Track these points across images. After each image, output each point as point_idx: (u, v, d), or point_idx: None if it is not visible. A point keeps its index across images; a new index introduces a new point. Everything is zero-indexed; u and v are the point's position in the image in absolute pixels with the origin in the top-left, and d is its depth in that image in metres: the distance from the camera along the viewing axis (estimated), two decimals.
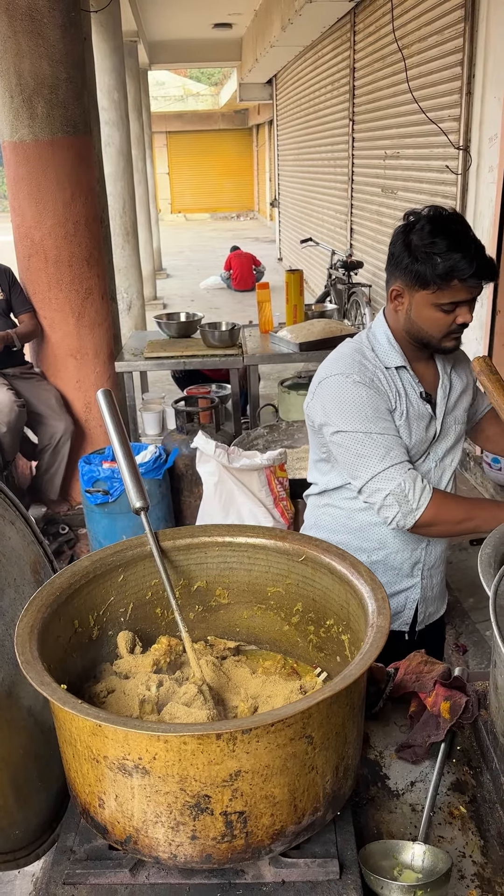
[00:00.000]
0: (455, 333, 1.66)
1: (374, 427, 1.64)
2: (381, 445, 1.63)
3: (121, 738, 0.95)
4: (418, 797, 1.25)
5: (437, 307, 1.62)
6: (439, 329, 1.65)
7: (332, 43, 8.33)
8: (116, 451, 1.39)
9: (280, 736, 0.95)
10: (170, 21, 10.59)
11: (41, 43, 3.72)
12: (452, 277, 1.56)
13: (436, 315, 1.63)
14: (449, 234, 1.57)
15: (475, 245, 1.56)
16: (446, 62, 4.87)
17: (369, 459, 1.63)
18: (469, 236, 1.58)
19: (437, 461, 1.80)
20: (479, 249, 1.56)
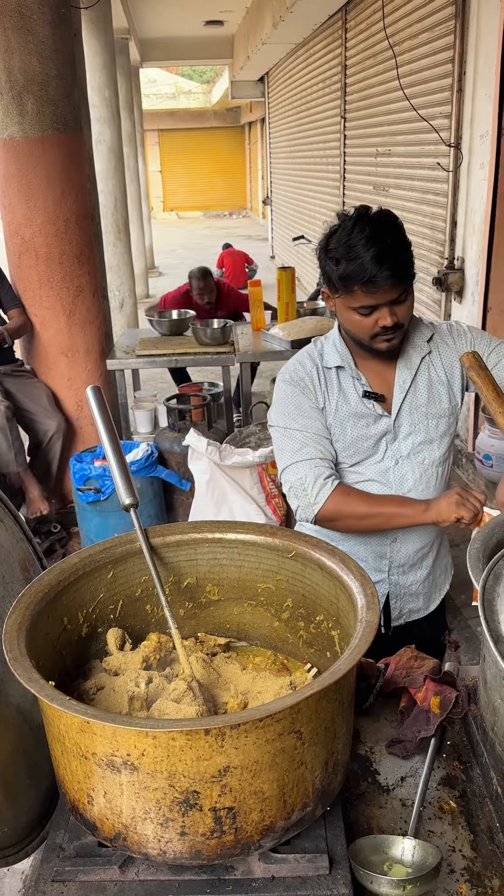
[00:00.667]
0: (382, 336, 1.64)
1: (293, 424, 1.72)
2: (297, 441, 1.71)
3: (109, 734, 0.95)
4: (408, 792, 1.26)
5: (353, 310, 1.62)
6: (362, 331, 1.64)
7: (324, 40, 8.32)
8: (106, 448, 1.38)
9: (269, 731, 0.95)
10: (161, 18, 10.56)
11: (31, 39, 3.70)
12: (350, 284, 1.56)
13: (354, 318, 1.63)
14: (354, 238, 1.54)
15: (377, 250, 1.52)
16: (437, 59, 4.87)
17: (284, 453, 1.72)
18: (375, 241, 1.52)
19: (400, 459, 1.76)
20: (379, 256, 1.52)
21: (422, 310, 5.58)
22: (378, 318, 1.60)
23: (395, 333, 1.64)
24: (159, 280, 13.39)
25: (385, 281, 1.53)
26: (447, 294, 4.90)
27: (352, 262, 1.53)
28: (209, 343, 4.46)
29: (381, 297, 1.57)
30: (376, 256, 1.51)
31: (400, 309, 1.61)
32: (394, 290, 1.56)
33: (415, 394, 1.75)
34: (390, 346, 1.67)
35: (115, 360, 4.38)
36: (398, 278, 1.55)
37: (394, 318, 1.60)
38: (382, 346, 1.66)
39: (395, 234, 1.57)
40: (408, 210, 5.79)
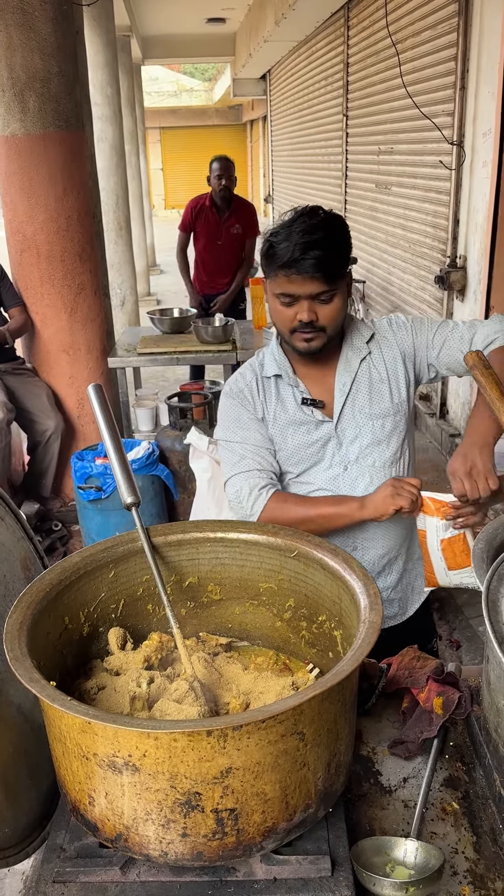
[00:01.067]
0: (301, 332, 1.62)
1: (233, 436, 1.73)
2: (236, 453, 1.72)
3: (110, 735, 0.94)
4: (411, 793, 1.25)
5: (276, 298, 1.61)
6: (283, 323, 1.63)
7: (326, 38, 8.30)
8: (107, 446, 1.38)
9: (271, 732, 0.94)
10: (163, 16, 10.53)
11: (32, 36, 3.69)
12: (273, 264, 1.56)
13: (277, 307, 1.62)
14: (293, 226, 1.55)
15: (307, 239, 1.52)
16: (440, 57, 4.85)
17: (225, 465, 1.74)
18: (310, 232, 1.52)
19: (348, 465, 1.73)
20: (308, 244, 1.51)
21: (424, 308, 5.57)
22: (297, 311, 1.59)
23: (313, 333, 1.61)
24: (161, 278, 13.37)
25: (306, 268, 1.52)
26: (449, 293, 4.89)
27: (281, 244, 1.54)
28: (210, 341, 4.45)
29: (301, 287, 1.55)
30: (304, 244, 1.52)
31: (322, 309, 1.59)
32: (314, 284, 1.54)
33: (356, 397, 1.72)
34: (309, 347, 1.64)
35: (117, 359, 4.37)
36: (321, 271, 1.53)
37: (311, 315, 1.58)
38: (300, 345, 1.64)
39: (334, 233, 1.57)
40: (410, 208, 5.78)
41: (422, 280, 5.58)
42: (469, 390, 4.75)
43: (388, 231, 6.41)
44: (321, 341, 1.64)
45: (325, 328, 1.62)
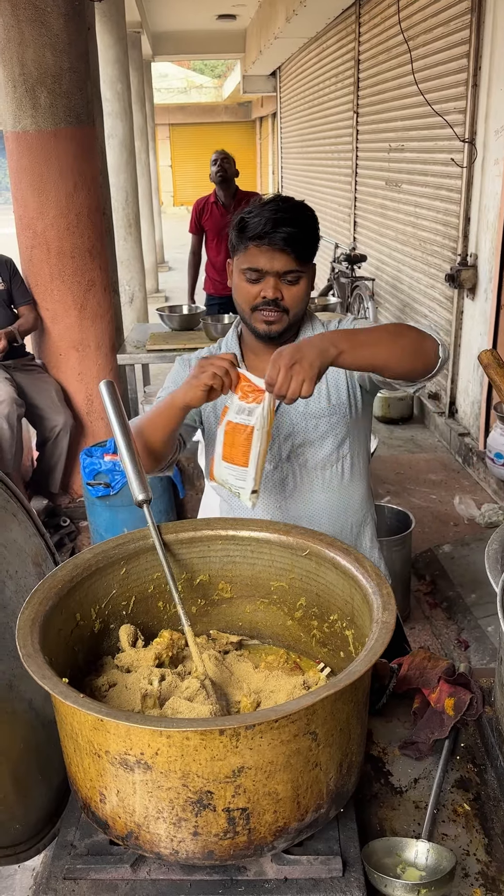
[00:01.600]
0: (263, 311, 1.59)
1: (163, 393, 1.72)
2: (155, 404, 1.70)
3: (123, 732, 0.94)
4: (422, 794, 1.24)
5: (242, 274, 1.60)
6: (245, 300, 1.61)
7: (337, 34, 8.28)
8: (119, 444, 1.37)
9: (284, 732, 0.94)
10: (173, 12, 10.52)
11: (44, 32, 3.69)
12: (244, 236, 1.56)
13: (241, 284, 1.61)
14: (266, 205, 1.57)
15: (280, 216, 1.53)
16: (452, 54, 4.83)
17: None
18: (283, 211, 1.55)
19: (278, 463, 1.69)
20: (280, 220, 1.53)
21: (434, 306, 5.55)
22: (262, 288, 1.58)
23: (276, 313, 1.59)
24: (169, 275, 13.38)
25: (276, 241, 1.53)
26: (459, 291, 4.87)
27: (253, 218, 1.55)
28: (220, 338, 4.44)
29: (270, 261, 1.55)
30: (277, 219, 1.53)
31: (287, 289, 1.58)
32: (283, 259, 1.54)
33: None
34: (269, 329, 1.62)
35: (126, 355, 4.37)
36: (291, 246, 1.53)
37: (276, 292, 1.57)
38: (260, 326, 1.62)
39: (305, 217, 1.59)
40: (420, 206, 5.76)
41: (432, 278, 5.56)
42: (479, 389, 4.73)
43: (398, 229, 6.39)
44: (282, 325, 1.62)
45: (287, 310, 1.60)
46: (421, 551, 3.87)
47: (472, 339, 4.83)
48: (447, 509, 4.30)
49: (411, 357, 1.47)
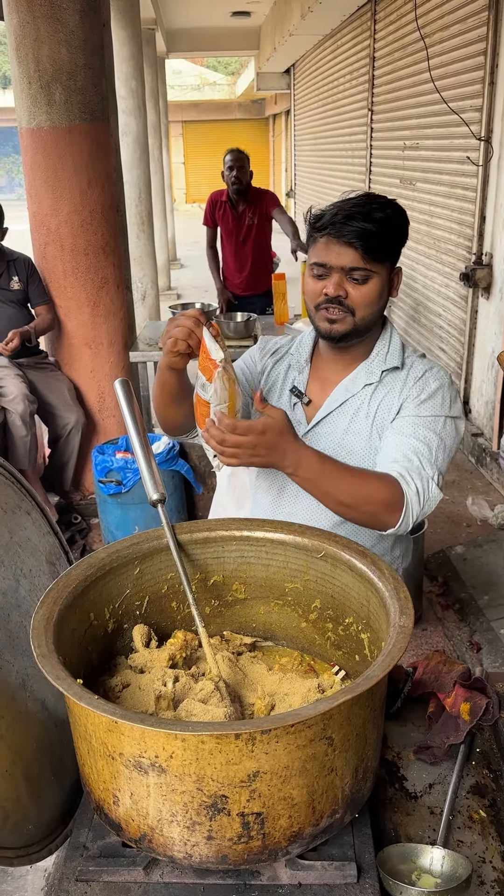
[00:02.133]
0: (326, 308, 1.51)
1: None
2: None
3: (137, 735, 0.93)
4: (437, 800, 1.23)
5: (310, 270, 1.53)
6: (311, 297, 1.55)
7: (352, 31, 8.23)
8: (133, 443, 1.37)
9: (300, 737, 0.93)
10: (188, 9, 10.50)
11: (60, 28, 3.68)
12: (315, 226, 1.50)
13: (308, 280, 1.55)
14: (352, 199, 1.51)
15: (356, 210, 1.46)
16: (469, 51, 4.79)
17: None
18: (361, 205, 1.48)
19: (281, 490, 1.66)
20: (355, 213, 1.46)
21: (448, 305, 5.52)
22: (326, 284, 1.50)
23: (339, 313, 1.51)
24: (182, 272, 13.37)
25: (344, 233, 1.45)
26: (474, 290, 4.84)
27: (329, 210, 1.50)
28: (232, 336, 4.43)
29: (337, 256, 1.47)
30: (351, 213, 1.46)
31: (354, 288, 1.49)
32: (350, 254, 1.46)
33: (337, 419, 1.62)
34: (331, 329, 1.53)
35: (138, 353, 4.37)
36: (360, 241, 1.45)
37: (339, 289, 1.48)
38: (322, 325, 1.54)
39: (386, 214, 1.50)
40: (435, 204, 5.73)
41: (446, 277, 5.52)
42: (493, 389, 4.70)
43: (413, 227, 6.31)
44: (346, 326, 1.52)
45: (353, 310, 1.51)
46: (433, 552, 3.84)
47: (486, 339, 4.80)
48: (460, 510, 4.28)
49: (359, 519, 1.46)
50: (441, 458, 1.51)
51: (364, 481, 1.43)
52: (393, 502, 1.42)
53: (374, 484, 1.42)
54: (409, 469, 1.45)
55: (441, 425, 1.52)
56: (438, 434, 1.51)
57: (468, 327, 5.00)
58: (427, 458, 1.48)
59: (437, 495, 1.47)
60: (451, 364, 5.48)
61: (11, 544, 1.25)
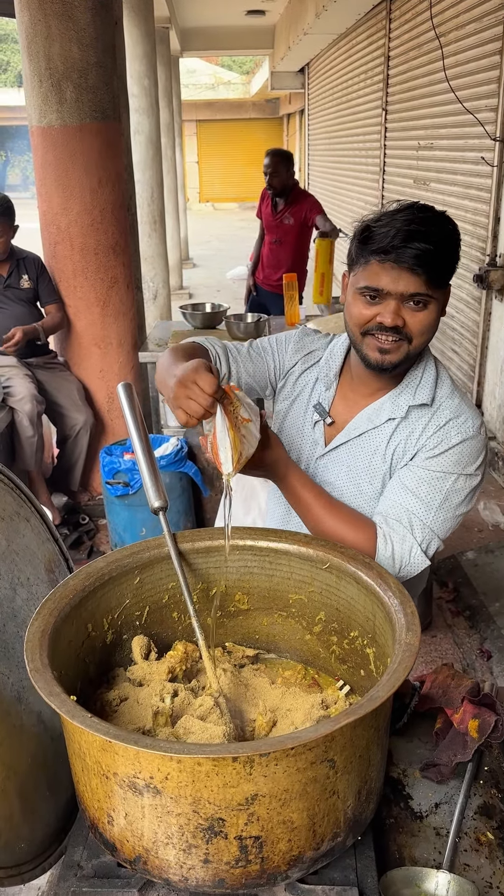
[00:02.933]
0: (377, 337, 1.38)
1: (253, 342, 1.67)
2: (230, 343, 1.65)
3: (132, 755, 0.90)
4: (443, 820, 1.19)
5: (358, 293, 1.38)
6: (357, 322, 1.40)
7: (367, 31, 8.18)
8: (136, 448, 1.34)
9: (300, 760, 0.90)
10: (202, 8, 10.48)
11: (71, 26, 3.66)
12: (366, 248, 1.34)
13: (356, 302, 1.39)
14: (397, 214, 1.34)
15: (414, 228, 1.30)
16: (484, 51, 4.74)
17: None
18: (417, 222, 1.31)
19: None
20: (413, 233, 1.29)
21: (461, 307, 5.46)
22: (379, 311, 1.36)
23: (395, 342, 1.37)
24: (194, 272, 13.35)
25: (406, 258, 1.29)
26: (488, 292, 4.78)
27: (381, 227, 1.32)
28: (242, 337, 4.40)
29: (395, 282, 1.32)
30: (410, 232, 1.29)
31: (411, 315, 1.36)
32: (412, 280, 1.32)
33: (354, 449, 1.52)
34: (381, 360, 1.40)
35: (148, 353, 4.34)
36: (424, 266, 1.30)
37: (396, 319, 1.34)
38: (372, 354, 1.40)
39: (445, 231, 1.35)
40: (449, 205, 5.67)
41: (459, 278, 5.46)
42: None
43: None
44: (400, 355, 1.39)
45: (411, 339, 1.37)
46: (444, 557, 3.80)
47: (499, 342, 4.74)
48: (471, 515, 4.22)
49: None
50: (441, 521, 1.40)
51: (337, 518, 1.42)
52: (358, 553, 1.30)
53: (346, 527, 1.40)
54: (394, 530, 1.39)
55: (451, 483, 1.41)
56: (444, 493, 1.40)
57: (481, 329, 4.94)
58: (420, 521, 1.39)
59: (421, 563, 1.39)
60: (464, 366, 5.43)
61: (8, 552, 1.22)
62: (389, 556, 1.38)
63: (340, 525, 1.41)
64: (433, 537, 1.41)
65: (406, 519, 1.40)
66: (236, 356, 1.63)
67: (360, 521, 1.42)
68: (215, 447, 1.23)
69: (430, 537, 1.41)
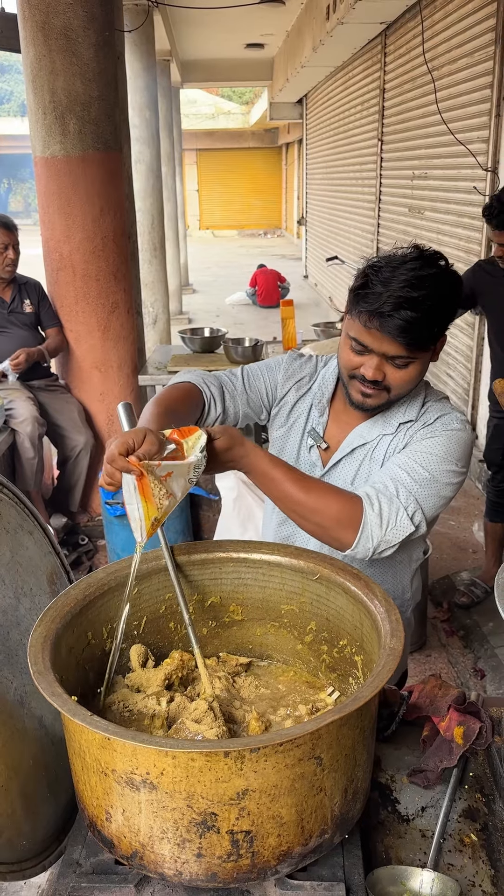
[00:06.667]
0: (361, 384, 1.45)
1: (245, 368, 1.67)
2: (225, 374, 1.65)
3: (129, 752, 0.95)
4: (429, 823, 1.24)
5: (349, 338, 1.44)
6: (345, 366, 1.48)
7: (363, 64, 8.39)
8: None
9: (289, 756, 0.95)
10: (203, 41, 10.73)
11: (75, 61, 3.79)
12: (358, 303, 1.39)
13: (346, 347, 1.46)
14: (398, 270, 1.35)
15: (406, 294, 1.32)
16: (476, 84, 4.88)
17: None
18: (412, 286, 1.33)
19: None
20: (403, 301, 1.32)
21: (455, 332, 5.55)
22: (364, 362, 1.43)
23: (372, 391, 1.45)
24: (193, 297, 13.51)
25: (389, 329, 1.35)
26: (480, 318, 4.88)
27: (376, 287, 1.36)
28: (240, 361, 4.47)
29: (378, 343, 1.39)
30: (400, 300, 1.33)
31: (393, 372, 1.42)
32: (393, 346, 1.38)
33: (348, 464, 1.59)
34: (362, 402, 1.48)
35: (147, 376, 4.42)
36: (405, 336, 1.35)
37: (377, 374, 1.42)
38: (355, 396, 1.49)
39: (439, 295, 1.36)
40: (442, 233, 5.79)
41: None
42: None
43: None
44: (379, 401, 1.48)
45: (388, 390, 1.45)
46: (438, 578, 3.84)
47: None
48: (466, 536, 4.28)
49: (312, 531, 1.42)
50: (425, 496, 1.42)
51: (315, 491, 1.40)
52: (346, 518, 1.37)
53: (328, 497, 1.39)
54: (379, 492, 1.41)
55: (437, 464, 1.45)
56: (431, 472, 1.44)
57: (475, 354, 5.03)
58: (405, 487, 1.42)
59: (406, 526, 1.40)
60: (459, 390, 5.50)
61: (13, 563, 1.28)
62: (377, 515, 1.38)
63: (323, 495, 1.40)
64: (418, 507, 1.42)
65: (392, 486, 1.42)
66: (233, 392, 1.63)
67: (342, 490, 1.43)
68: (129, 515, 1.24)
69: (416, 506, 1.41)
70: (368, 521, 1.38)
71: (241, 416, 1.64)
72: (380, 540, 1.39)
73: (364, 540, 1.38)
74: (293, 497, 1.38)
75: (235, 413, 1.63)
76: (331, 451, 1.63)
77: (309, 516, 1.39)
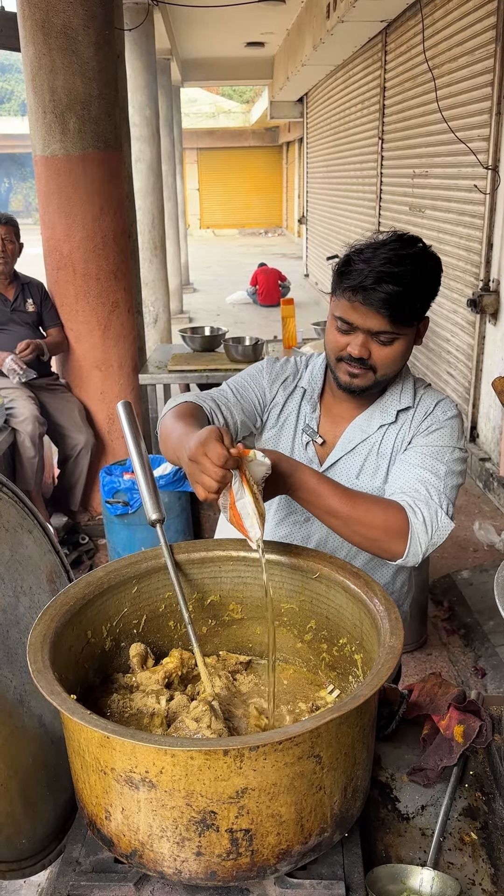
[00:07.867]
0: (348, 364, 1.49)
1: (232, 382, 1.68)
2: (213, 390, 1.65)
3: (128, 750, 0.95)
4: (429, 821, 1.24)
5: (335, 320, 1.48)
6: (332, 348, 1.51)
7: (363, 62, 8.38)
8: (134, 463, 1.40)
9: (288, 754, 0.95)
10: (203, 40, 10.72)
11: (75, 60, 3.79)
12: (340, 283, 1.43)
13: (332, 328, 1.49)
14: (379, 250, 1.40)
15: (387, 269, 1.37)
16: (476, 82, 4.87)
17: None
18: (393, 263, 1.37)
19: (311, 517, 1.60)
20: (385, 275, 1.36)
21: (456, 331, 5.55)
22: (351, 341, 1.46)
23: (361, 370, 1.49)
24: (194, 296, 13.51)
25: (372, 301, 1.38)
26: (482, 316, 4.87)
27: (359, 264, 1.40)
28: (241, 360, 4.47)
29: (363, 319, 1.42)
30: (381, 273, 1.37)
31: (378, 349, 1.46)
32: (377, 320, 1.41)
33: (352, 459, 1.60)
34: (350, 382, 1.51)
35: (148, 375, 4.42)
36: (389, 309, 1.39)
37: (363, 351, 1.45)
38: (343, 377, 1.52)
39: (421, 271, 1.42)
40: (443, 231, 5.79)
41: (454, 303, 5.56)
42: (500, 414, 4.71)
43: None
44: (366, 381, 1.51)
45: (375, 369, 1.49)
46: (439, 577, 3.84)
47: (493, 365, 4.82)
48: (467, 535, 4.27)
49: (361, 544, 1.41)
50: (448, 488, 1.46)
51: (362, 504, 1.40)
52: (395, 529, 1.38)
53: (375, 508, 1.40)
54: (416, 499, 1.42)
55: (449, 454, 1.50)
56: (446, 464, 1.49)
57: (476, 353, 5.03)
58: (435, 487, 1.44)
59: (448, 525, 1.42)
60: (460, 389, 5.50)
61: (12, 562, 1.28)
62: (422, 522, 1.39)
63: (370, 508, 1.39)
64: (449, 502, 1.45)
65: (423, 489, 1.44)
66: (226, 403, 1.62)
67: (384, 500, 1.43)
68: (238, 518, 1.22)
69: (448, 502, 1.45)
70: (415, 529, 1.38)
71: (239, 425, 1.65)
72: (427, 545, 1.39)
73: (413, 547, 1.39)
74: (340, 512, 1.37)
75: (234, 423, 1.63)
76: (327, 447, 1.63)
77: (358, 529, 1.39)
